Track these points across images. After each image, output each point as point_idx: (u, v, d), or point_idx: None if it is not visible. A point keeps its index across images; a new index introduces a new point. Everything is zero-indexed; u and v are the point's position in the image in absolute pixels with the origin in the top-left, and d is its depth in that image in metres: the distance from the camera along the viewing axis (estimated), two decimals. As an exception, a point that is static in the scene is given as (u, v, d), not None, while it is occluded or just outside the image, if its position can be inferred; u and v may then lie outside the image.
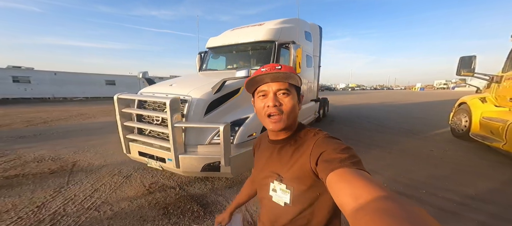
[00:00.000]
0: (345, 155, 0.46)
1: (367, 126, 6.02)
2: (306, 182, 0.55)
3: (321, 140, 0.54)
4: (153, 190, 2.27)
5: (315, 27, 5.40)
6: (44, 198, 2.02)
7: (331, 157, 0.47)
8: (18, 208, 1.84)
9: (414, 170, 2.81)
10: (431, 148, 3.80)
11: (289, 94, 0.60)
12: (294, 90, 0.61)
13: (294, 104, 0.60)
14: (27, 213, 1.76)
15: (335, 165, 0.44)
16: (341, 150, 0.48)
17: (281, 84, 0.59)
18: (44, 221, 1.66)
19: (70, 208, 1.86)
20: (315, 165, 0.51)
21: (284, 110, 0.59)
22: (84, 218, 1.72)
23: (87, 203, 1.94)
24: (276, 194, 0.60)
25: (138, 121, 2.40)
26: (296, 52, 3.06)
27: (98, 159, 3.11)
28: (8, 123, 5.89)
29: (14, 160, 2.98)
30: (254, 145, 0.82)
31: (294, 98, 0.60)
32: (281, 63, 0.66)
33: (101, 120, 6.64)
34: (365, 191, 0.35)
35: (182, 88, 2.38)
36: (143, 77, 3.06)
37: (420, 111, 9.59)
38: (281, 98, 0.59)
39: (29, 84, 16.67)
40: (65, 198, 2.02)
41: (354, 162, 0.44)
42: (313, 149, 0.53)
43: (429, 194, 2.16)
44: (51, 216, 1.74)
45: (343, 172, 0.42)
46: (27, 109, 9.25)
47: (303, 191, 0.56)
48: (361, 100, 17.27)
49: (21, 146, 3.67)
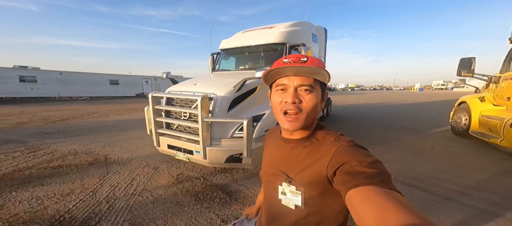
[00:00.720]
0: (373, 170, 0.40)
1: (369, 125, 6.24)
2: (317, 188, 0.51)
3: (344, 148, 0.48)
4: (181, 180, 2.51)
5: (320, 29, 5.65)
6: (94, 184, 2.28)
7: (356, 170, 0.41)
8: (76, 192, 2.10)
9: (418, 164, 3.03)
10: (433, 145, 4.02)
11: (312, 91, 0.53)
12: (319, 87, 0.54)
13: (316, 103, 0.53)
14: (85, 196, 2.02)
15: (360, 181, 0.39)
16: (369, 163, 0.42)
17: (304, 79, 0.52)
18: (102, 203, 1.92)
19: (118, 193, 2.12)
20: (333, 175, 0.46)
21: (304, 109, 0.52)
22: (132, 201, 1.98)
23: (130, 190, 2.19)
24: (285, 197, 0.56)
25: (166, 116, 2.64)
26: (306, 54, 3.31)
27: (125, 153, 3.37)
28: (27, 120, 6.16)
29: (51, 153, 3.24)
30: (265, 139, 0.76)
31: (318, 96, 0.54)
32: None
33: (113, 118, 6.89)
34: (393, 216, 0.31)
35: (207, 87, 2.63)
36: (167, 77, 3.30)
37: (420, 111, 9.82)
38: (302, 95, 0.53)
39: (36, 83, 16.95)
40: (111, 185, 2.28)
41: (383, 180, 0.39)
42: (333, 156, 0.48)
43: (434, 185, 2.38)
44: (106, 199, 1.99)
45: (369, 190, 0.37)
46: (37, 108, 9.52)
47: (313, 196, 0.52)
48: (362, 100, 17.48)
49: (51, 141, 3.94)
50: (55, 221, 1.64)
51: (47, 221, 1.64)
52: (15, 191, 2.11)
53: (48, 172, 2.59)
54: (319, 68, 0.51)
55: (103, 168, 2.76)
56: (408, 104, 13.26)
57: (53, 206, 1.85)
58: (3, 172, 2.56)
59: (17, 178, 2.40)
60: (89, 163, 2.91)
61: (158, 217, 1.76)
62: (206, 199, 2.10)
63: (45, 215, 1.72)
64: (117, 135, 4.52)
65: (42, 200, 1.94)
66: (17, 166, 2.74)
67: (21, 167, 2.71)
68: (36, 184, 2.26)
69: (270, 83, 0.60)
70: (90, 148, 3.56)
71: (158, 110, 2.62)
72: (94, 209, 1.83)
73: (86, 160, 3.02)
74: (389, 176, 0.41)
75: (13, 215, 1.71)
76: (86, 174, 2.56)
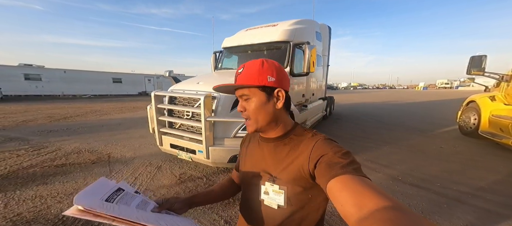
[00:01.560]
0: (346, 160, 0.44)
1: (373, 124, 6.16)
2: (301, 184, 0.53)
3: (321, 141, 0.52)
4: (183, 179, 2.49)
5: (324, 27, 5.55)
6: (96, 183, 2.26)
7: (332, 161, 0.45)
8: (79, 191, 2.08)
9: (426, 165, 2.96)
10: (440, 145, 3.93)
11: (251, 97, 0.56)
12: (259, 91, 0.56)
13: (258, 106, 0.56)
14: (88, 195, 2.00)
15: (337, 171, 0.42)
16: (342, 154, 0.46)
17: (240, 91, 0.58)
18: (104, 202, 1.90)
19: (120, 192, 2.10)
20: (313, 168, 0.49)
21: (250, 114, 0.57)
22: (135, 200, 1.95)
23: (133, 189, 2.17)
24: (268, 197, 0.57)
25: (168, 115, 2.61)
26: (311, 52, 3.23)
27: (128, 152, 3.36)
28: (32, 118, 6.22)
29: (55, 151, 3.26)
30: (241, 142, 0.76)
31: (258, 100, 0.56)
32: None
33: (117, 117, 6.92)
34: (370, 201, 0.34)
35: (209, 86, 2.59)
36: (170, 75, 3.27)
37: (425, 110, 9.66)
38: (245, 103, 0.58)
39: (40, 82, 17.13)
40: (114, 184, 2.26)
41: (356, 168, 0.43)
42: (313, 150, 0.51)
43: (443, 187, 2.32)
44: (108, 198, 1.97)
45: (345, 179, 0.41)
46: (42, 106, 9.62)
47: (297, 193, 0.54)
48: (365, 99, 17.33)
49: (55, 139, 3.96)
50: (58, 221, 1.63)
51: (51, 220, 1.64)
52: (19, 189, 2.11)
53: (52, 170, 2.59)
54: (251, 75, 0.55)
55: (107, 166, 2.76)
56: (412, 103, 13.08)
57: (57, 206, 1.84)
58: (8, 170, 2.57)
59: (21, 176, 2.41)
60: (92, 161, 2.91)
61: (161, 218, 1.74)
62: (209, 199, 2.07)
63: (49, 215, 1.71)
64: (120, 133, 4.53)
65: (46, 199, 1.94)
66: (21, 164, 2.75)
67: (25, 165, 2.72)
68: (40, 183, 2.26)
69: None
70: (93, 146, 3.57)
71: (160, 109, 2.59)
72: (97, 209, 1.81)
73: (90, 158, 3.02)
74: (360, 165, 0.46)
75: (17, 214, 1.71)
76: (89, 172, 2.56)
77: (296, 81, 3.61)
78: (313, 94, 4.60)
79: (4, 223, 1.59)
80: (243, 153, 0.71)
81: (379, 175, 2.65)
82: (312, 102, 4.63)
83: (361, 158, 3.31)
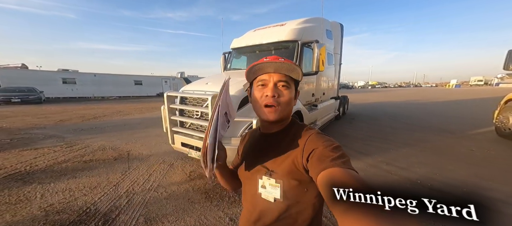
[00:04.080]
0: (336, 154, 0.46)
1: (392, 124, 5.75)
2: (296, 177, 0.54)
3: (313, 136, 0.54)
4: (193, 177, 2.60)
5: (336, 25, 5.33)
6: (117, 179, 2.50)
7: (323, 154, 0.47)
8: (102, 186, 2.33)
9: (452, 169, 2.69)
10: (471, 148, 3.53)
11: (289, 87, 0.59)
12: (293, 84, 0.61)
13: (291, 98, 0.60)
14: (109, 190, 2.23)
15: (327, 164, 0.44)
16: (333, 148, 0.48)
17: (282, 76, 0.59)
18: (122, 197, 2.10)
19: (136, 188, 2.29)
20: (306, 161, 0.51)
21: (282, 102, 0.58)
22: (148, 197, 2.12)
23: (147, 185, 2.35)
24: (265, 191, 0.58)
25: (180, 115, 2.75)
26: (320, 51, 3.13)
27: (145, 149, 3.62)
28: (68, 118, 7.03)
29: (84, 148, 3.65)
30: (241, 139, 0.79)
31: (292, 92, 0.60)
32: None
33: (137, 116, 7.47)
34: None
35: (217, 86, 2.66)
36: (181, 77, 3.43)
37: (455, 109, 8.73)
38: (280, 89, 0.59)
39: (75, 85, 19.15)
40: (131, 180, 2.47)
41: (345, 161, 0.45)
42: (306, 144, 0.53)
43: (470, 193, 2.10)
44: (126, 193, 2.17)
45: (334, 171, 0.42)
46: (76, 107, 10.77)
47: (293, 187, 0.55)
48: (384, 98, 16.20)
49: (85, 137, 4.43)
50: (82, 213, 1.83)
51: (76, 212, 1.84)
52: (53, 182, 2.41)
53: (80, 165, 2.91)
54: (295, 66, 0.58)
55: (126, 163, 3.00)
56: (440, 102, 11.92)
57: (82, 198, 2.07)
58: (46, 164, 2.95)
59: (56, 170, 2.74)
60: (114, 158, 3.19)
61: (170, 213, 1.85)
62: (216, 197, 2.14)
63: (75, 206, 1.93)
64: (139, 132, 4.89)
65: (74, 192, 2.19)
66: (57, 159, 3.13)
67: (59, 160, 3.09)
68: (70, 177, 2.55)
69: (251, 80, 0.65)
70: (116, 144, 3.91)
71: (172, 109, 2.74)
72: (115, 202, 2.00)
73: (112, 155, 3.32)
74: (349, 158, 0.47)
75: (49, 204, 1.96)
76: (111, 168, 2.81)
77: (305, 80, 3.53)
78: (323, 93, 4.45)
79: (39, 212, 1.84)
80: (242, 150, 0.74)
81: (394, 178, 2.48)
82: (323, 102, 4.49)
83: (375, 159, 3.13)
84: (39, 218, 1.75)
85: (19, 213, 1.82)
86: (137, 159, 3.16)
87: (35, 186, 2.30)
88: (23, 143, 3.94)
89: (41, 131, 4.98)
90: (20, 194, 2.12)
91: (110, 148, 3.70)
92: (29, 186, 2.30)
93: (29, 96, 12.11)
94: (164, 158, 3.20)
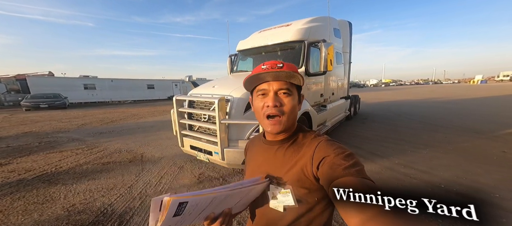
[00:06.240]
0: (349, 162, 0.44)
1: (409, 124, 5.43)
2: (305, 185, 0.52)
3: (323, 143, 0.52)
4: (202, 179, 2.66)
5: (344, 23, 5.16)
6: (131, 181, 2.63)
7: (335, 163, 0.45)
8: (117, 187, 2.48)
9: (480, 173, 2.49)
10: (503, 149, 3.23)
11: (291, 94, 0.56)
12: (296, 90, 0.58)
13: (295, 105, 0.57)
14: (124, 192, 2.36)
15: (339, 173, 0.42)
16: (345, 156, 0.46)
17: (282, 84, 0.56)
18: (136, 199, 2.21)
19: (149, 190, 2.40)
20: (317, 169, 0.49)
21: (285, 111, 0.56)
22: (160, 198, 2.20)
23: (159, 187, 2.45)
24: (275, 201, 0.56)
25: (188, 118, 2.82)
26: (327, 50, 3.04)
27: (157, 152, 3.77)
28: (89, 122, 7.53)
29: (103, 151, 3.89)
30: (246, 146, 0.77)
31: (295, 99, 0.58)
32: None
33: (150, 120, 7.80)
34: (371, 206, 0.34)
35: (224, 89, 2.69)
36: (189, 80, 3.52)
37: (483, 107, 8.05)
38: (282, 98, 0.56)
39: (95, 90, 20.44)
40: (144, 182, 2.60)
41: (358, 170, 0.43)
42: (315, 152, 0.51)
43: (502, 199, 1.92)
44: (139, 195, 2.29)
45: (347, 181, 0.40)
46: (96, 111, 11.49)
47: (302, 195, 0.52)
48: (400, 96, 15.34)
49: (104, 140, 4.72)
50: (100, 213, 1.95)
51: (94, 212, 1.97)
52: (75, 183, 2.60)
53: (99, 167, 3.10)
54: (295, 72, 0.55)
55: (140, 165, 3.15)
56: (464, 100, 11.05)
57: (100, 199, 2.21)
58: (69, 166, 3.18)
59: (78, 172, 2.95)
60: (129, 160, 3.36)
61: (180, 215, 1.91)
62: (224, 199, 2.17)
63: (94, 207, 2.06)
64: (151, 135, 5.10)
65: (93, 193, 2.34)
66: (78, 161, 3.36)
67: (81, 162, 3.32)
68: (90, 178, 2.73)
69: (250, 90, 0.62)
70: (130, 147, 4.12)
71: (181, 112, 2.82)
72: (130, 204, 2.11)
73: (127, 157, 3.50)
74: (363, 167, 0.45)
75: (71, 205, 2.11)
76: (126, 170, 2.96)
77: (313, 81, 3.45)
78: (333, 93, 4.33)
79: (62, 212, 1.99)
80: (248, 158, 0.72)
81: (414, 182, 2.34)
82: (332, 102, 4.37)
83: (391, 161, 2.98)
84: (62, 217, 1.90)
85: (45, 212, 1.98)
86: (150, 161, 3.30)
87: (60, 186, 2.49)
88: (50, 146, 4.28)
89: (65, 134, 5.39)
90: (46, 194, 2.31)
91: (126, 150, 3.90)
92: (54, 186, 2.49)
93: (55, 102, 13.14)
94: (174, 161, 3.31)
